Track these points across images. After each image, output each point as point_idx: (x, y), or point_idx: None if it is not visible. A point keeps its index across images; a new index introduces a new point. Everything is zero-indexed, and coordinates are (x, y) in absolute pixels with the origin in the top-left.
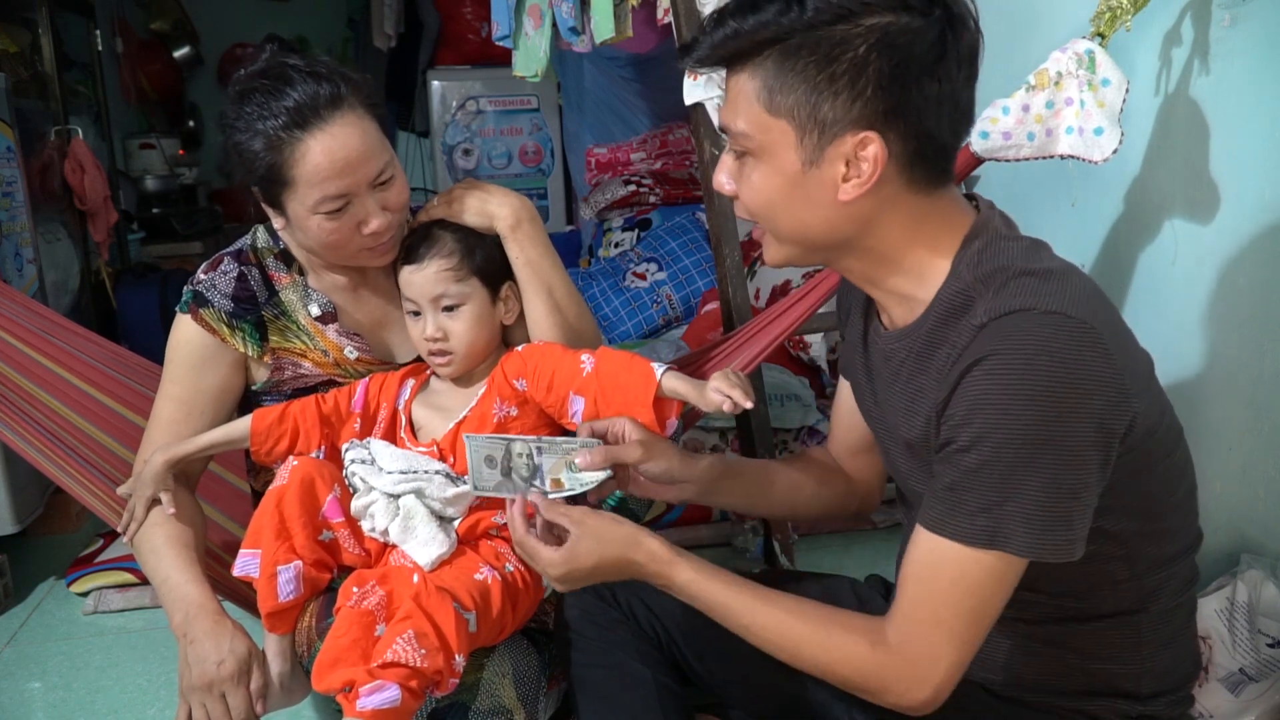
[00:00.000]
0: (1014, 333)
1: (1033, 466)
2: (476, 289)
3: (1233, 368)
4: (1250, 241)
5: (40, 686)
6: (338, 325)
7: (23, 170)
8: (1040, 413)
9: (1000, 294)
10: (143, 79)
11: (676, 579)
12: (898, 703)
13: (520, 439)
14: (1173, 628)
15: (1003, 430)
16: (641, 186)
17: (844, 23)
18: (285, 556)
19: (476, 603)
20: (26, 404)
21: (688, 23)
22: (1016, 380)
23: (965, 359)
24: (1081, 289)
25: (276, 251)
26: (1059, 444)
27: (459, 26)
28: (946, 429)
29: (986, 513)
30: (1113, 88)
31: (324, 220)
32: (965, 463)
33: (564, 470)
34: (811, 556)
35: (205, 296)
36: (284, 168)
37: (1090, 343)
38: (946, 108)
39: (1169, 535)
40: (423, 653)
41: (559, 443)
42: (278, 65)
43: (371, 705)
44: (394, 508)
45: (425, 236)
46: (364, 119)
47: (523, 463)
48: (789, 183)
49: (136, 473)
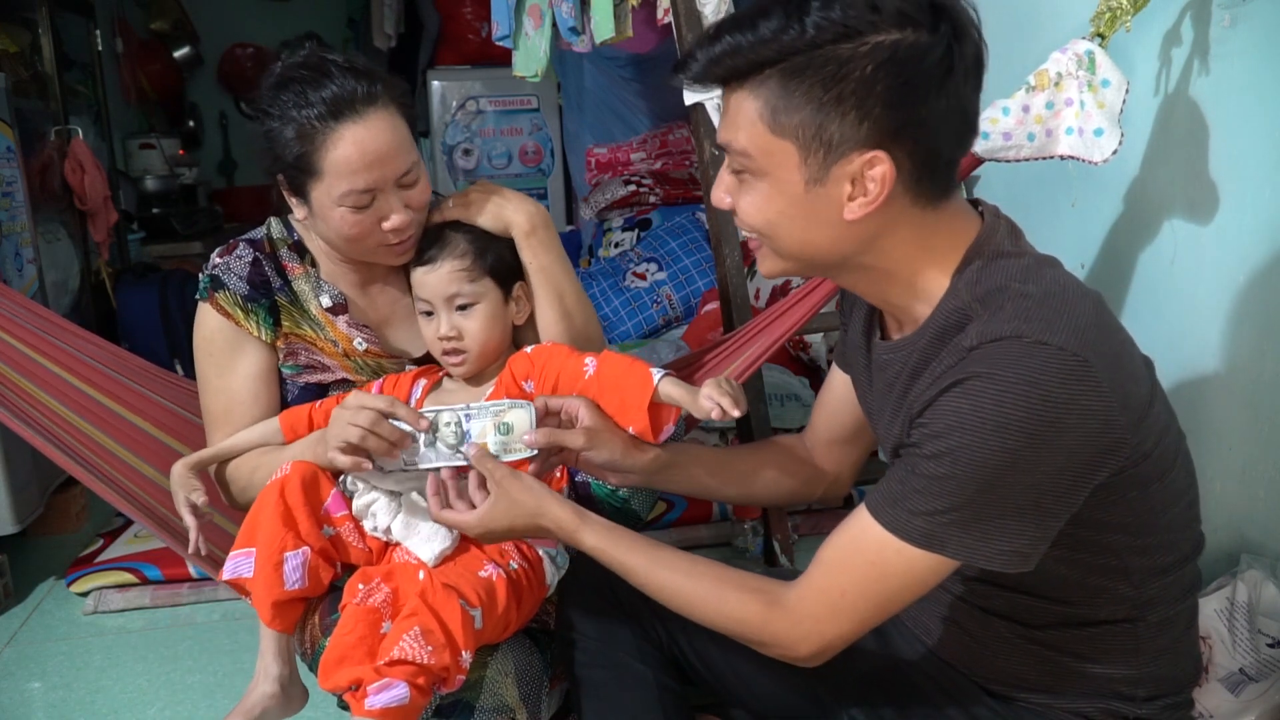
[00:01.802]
0: (1000, 359)
1: (989, 488)
2: (490, 289)
3: (1233, 368)
4: (1250, 242)
5: (40, 686)
6: (348, 317)
7: (23, 170)
8: (1009, 442)
9: (994, 317)
10: (143, 79)
11: (584, 544)
12: (782, 655)
13: (450, 408)
14: (1172, 634)
15: (969, 452)
16: (641, 186)
17: (848, 41)
18: (293, 543)
19: (482, 599)
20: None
21: (688, 23)
22: (993, 407)
23: (948, 378)
24: (1080, 315)
25: (290, 242)
26: (1021, 470)
27: (459, 26)
28: (916, 433)
29: (930, 516)
30: (1113, 88)
31: (348, 213)
32: (924, 468)
33: (492, 434)
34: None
35: (221, 279)
36: (314, 157)
37: (1077, 377)
38: (955, 121)
39: (1164, 548)
40: (429, 650)
41: (488, 407)
42: (317, 58)
43: (380, 704)
44: (395, 505)
45: (438, 238)
46: (396, 117)
47: (450, 431)
48: (791, 202)
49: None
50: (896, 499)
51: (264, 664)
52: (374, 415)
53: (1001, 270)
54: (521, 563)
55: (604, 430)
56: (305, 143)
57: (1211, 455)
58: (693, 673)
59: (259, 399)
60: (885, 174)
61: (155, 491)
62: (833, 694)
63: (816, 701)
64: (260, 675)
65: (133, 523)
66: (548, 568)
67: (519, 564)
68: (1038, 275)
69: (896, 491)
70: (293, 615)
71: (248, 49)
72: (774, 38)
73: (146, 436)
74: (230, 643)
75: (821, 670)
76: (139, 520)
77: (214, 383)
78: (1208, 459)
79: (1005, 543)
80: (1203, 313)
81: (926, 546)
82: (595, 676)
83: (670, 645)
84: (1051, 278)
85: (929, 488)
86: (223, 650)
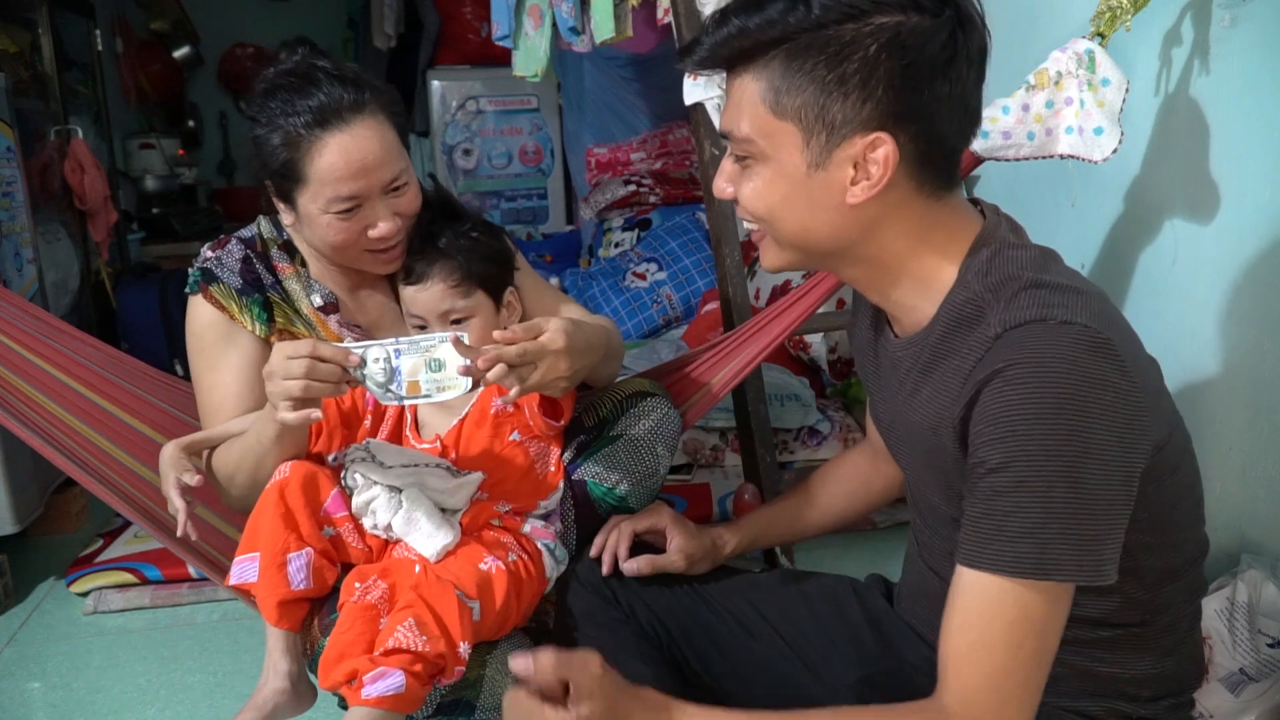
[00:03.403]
0: (1031, 342)
1: (1069, 482)
2: (482, 300)
3: (1233, 368)
4: (1250, 241)
5: (40, 686)
6: (339, 317)
7: (23, 170)
8: (1068, 424)
9: (1012, 304)
10: (143, 79)
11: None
12: None
13: (379, 343)
14: (1178, 636)
15: (1034, 444)
16: (641, 186)
17: (853, 22)
18: (296, 544)
19: (481, 591)
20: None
21: (688, 23)
22: (1038, 390)
23: (981, 370)
24: (1093, 303)
25: (280, 242)
26: (1090, 456)
27: (459, 26)
28: (975, 449)
29: (1030, 537)
30: (1112, 88)
31: (334, 220)
32: (999, 484)
33: (423, 371)
34: (812, 556)
35: (214, 273)
36: (300, 165)
37: (1105, 354)
38: (957, 109)
39: (1176, 547)
40: (424, 639)
41: (418, 341)
42: (307, 66)
43: (376, 692)
44: (396, 501)
45: (423, 255)
46: (384, 126)
47: (379, 368)
48: (793, 186)
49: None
50: (990, 537)
51: (272, 661)
52: (307, 362)
53: (1012, 260)
54: (521, 555)
55: (695, 546)
56: (291, 150)
57: (1211, 455)
58: (691, 672)
59: (253, 391)
60: (888, 155)
61: (153, 494)
62: (832, 694)
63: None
64: (269, 673)
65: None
66: (547, 561)
67: (518, 556)
68: (1046, 265)
69: (986, 530)
70: (299, 614)
71: (248, 49)
72: (780, 19)
73: (144, 439)
74: (230, 643)
75: (821, 671)
76: (137, 521)
77: (207, 377)
78: (1208, 459)
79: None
80: (1203, 312)
81: (1040, 573)
82: None
83: (670, 644)
84: (1059, 268)
85: (1013, 504)
86: (223, 650)
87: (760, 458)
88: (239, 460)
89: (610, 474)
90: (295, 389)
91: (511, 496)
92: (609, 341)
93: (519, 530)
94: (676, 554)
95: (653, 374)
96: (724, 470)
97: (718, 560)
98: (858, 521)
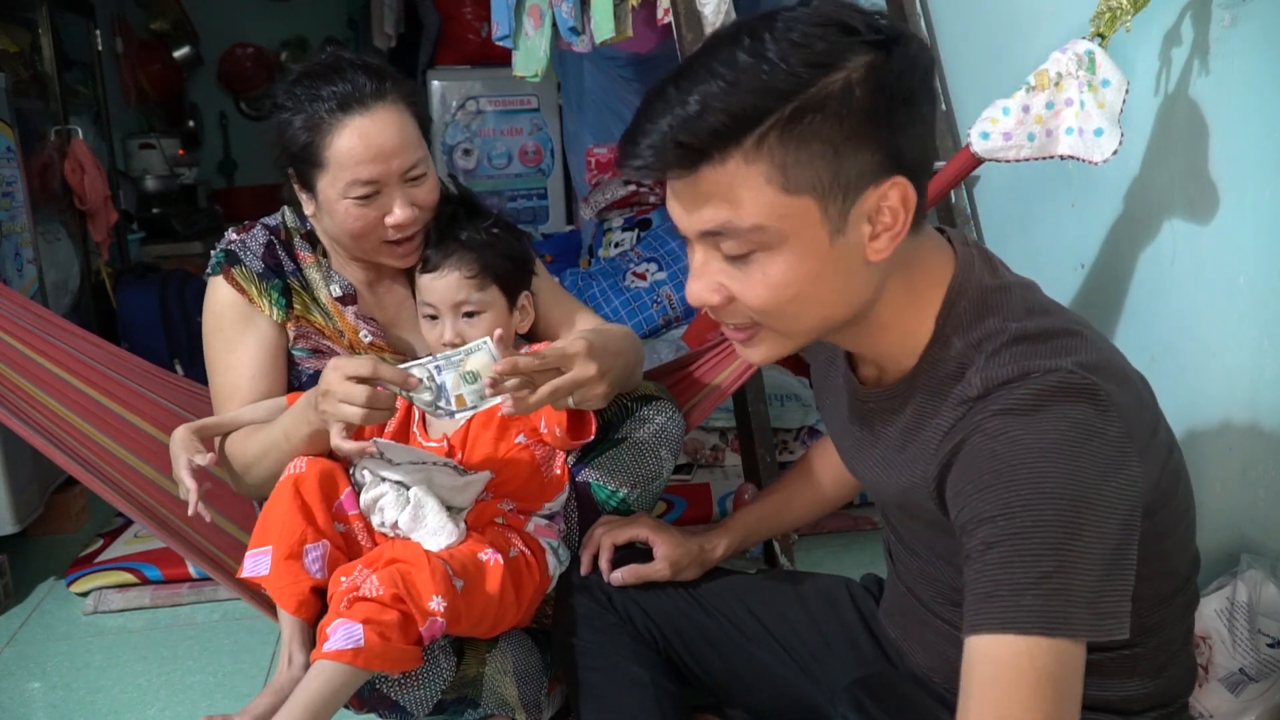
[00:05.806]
0: (1015, 396)
1: (1068, 526)
2: (496, 297)
3: (1233, 368)
4: (1250, 242)
5: (40, 686)
6: (356, 308)
7: (23, 170)
8: (1058, 467)
9: (993, 361)
10: (143, 79)
11: None
12: None
13: (419, 363)
14: (1169, 653)
15: (1026, 486)
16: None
17: (836, 71)
18: (313, 535)
19: (470, 573)
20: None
21: (688, 23)
22: (1024, 434)
23: (960, 430)
24: (1077, 345)
25: (303, 232)
26: (1087, 500)
27: (459, 26)
28: (961, 508)
29: (1035, 588)
30: (1113, 88)
31: (352, 205)
32: (994, 535)
33: (463, 386)
34: (812, 556)
35: (237, 255)
36: (320, 148)
37: (1090, 400)
38: (930, 136)
39: (1165, 575)
40: (382, 588)
41: (451, 357)
42: (334, 57)
43: (335, 645)
44: (404, 498)
45: (443, 246)
46: (404, 114)
47: (425, 389)
48: (822, 261)
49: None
50: (990, 594)
51: (289, 652)
52: (369, 392)
53: (991, 309)
54: (523, 549)
55: (680, 553)
56: (312, 133)
57: (1211, 455)
58: (688, 673)
59: (267, 375)
60: (906, 195)
61: (155, 491)
62: (827, 696)
63: (811, 703)
64: (285, 661)
65: (133, 523)
66: (550, 559)
67: (519, 550)
68: (1030, 307)
69: (986, 587)
70: (315, 605)
71: (248, 49)
72: (755, 83)
73: (146, 436)
74: (230, 643)
75: (817, 673)
76: (139, 520)
77: (222, 359)
78: (1208, 459)
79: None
80: (1203, 312)
81: (1048, 629)
82: (593, 679)
83: (666, 648)
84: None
85: (1012, 553)
86: (223, 650)
87: (760, 458)
88: (261, 452)
89: (614, 477)
90: (355, 416)
91: (516, 497)
92: (635, 348)
93: (523, 528)
94: (661, 562)
95: (654, 374)
96: (724, 470)
97: (707, 565)
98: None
